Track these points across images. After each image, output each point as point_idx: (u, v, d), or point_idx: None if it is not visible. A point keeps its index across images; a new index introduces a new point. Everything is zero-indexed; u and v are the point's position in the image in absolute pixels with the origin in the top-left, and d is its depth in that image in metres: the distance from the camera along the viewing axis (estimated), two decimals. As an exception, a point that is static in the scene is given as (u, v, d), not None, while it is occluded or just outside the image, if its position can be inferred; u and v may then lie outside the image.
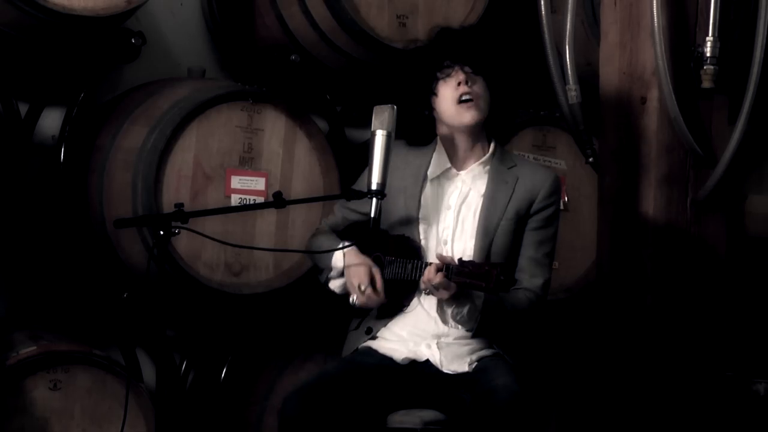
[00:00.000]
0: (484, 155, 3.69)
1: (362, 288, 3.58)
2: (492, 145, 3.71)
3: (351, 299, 3.63)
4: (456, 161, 3.70)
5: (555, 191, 3.67)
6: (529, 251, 3.64)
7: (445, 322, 3.61)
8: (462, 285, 3.41)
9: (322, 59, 4.49)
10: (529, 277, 3.62)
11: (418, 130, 3.70)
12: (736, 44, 4.07)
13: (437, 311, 3.60)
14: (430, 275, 3.45)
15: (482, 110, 3.62)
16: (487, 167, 3.68)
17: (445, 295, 3.47)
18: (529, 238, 3.64)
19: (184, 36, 4.71)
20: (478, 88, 3.61)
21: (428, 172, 3.70)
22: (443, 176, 3.69)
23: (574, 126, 4.24)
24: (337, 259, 3.66)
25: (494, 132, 3.72)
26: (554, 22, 4.21)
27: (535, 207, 3.64)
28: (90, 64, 4.25)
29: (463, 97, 3.59)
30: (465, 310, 3.52)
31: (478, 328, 3.55)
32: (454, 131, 3.66)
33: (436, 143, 3.73)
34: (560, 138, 4.69)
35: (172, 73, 4.54)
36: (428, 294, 3.54)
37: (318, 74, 4.54)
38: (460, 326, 3.59)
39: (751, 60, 3.96)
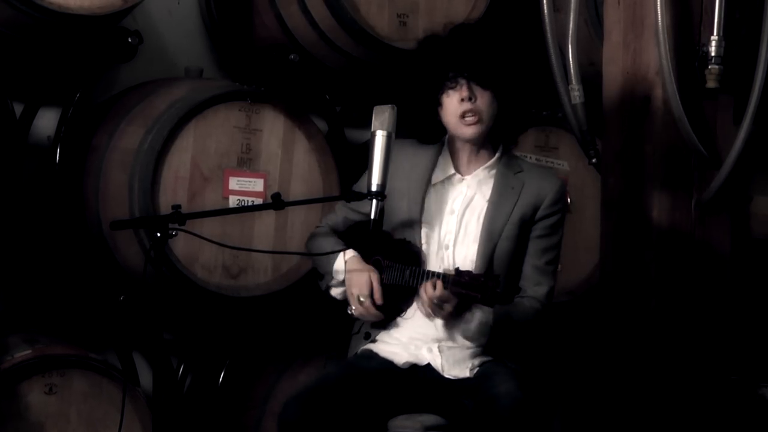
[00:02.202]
0: (490, 159, 3.66)
1: (361, 299, 3.54)
2: (499, 150, 3.68)
3: (348, 309, 3.59)
4: (461, 166, 3.67)
5: (560, 198, 3.65)
6: (532, 259, 3.61)
7: (452, 338, 3.57)
8: (458, 296, 3.37)
9: (321, 59, 4.46)
10: (533, 286, 3.60)
11: (428, 128, 3.65)
12: (742, 43, 4.05)
13: (444, 326, 3.56)
14: (429, 292, 3.41)
15: (485, 124, 3.57)
16: (493, 172, 3.66)
17: (449, 309, 3.43)
18: (533, 246, 3.62)
19: (182, 35, 4.69)
20: (483, 102, 3.56)
21: (432, 177, 3.67)
22: (447, 181, 3.67)
23: (577, 126, 4.23)
24: (339, 266, 3.62)
25: (502, 139, 3.69)
26: (557, 21, 4.20)
27: (540, 214, 3.62)
28: (86, 64, 4.23)
29: (466, 115, 3.56)
30: (472, 325, 3.49)
31: (488, 343, 3.54)
32: (458, 139, 3.64)
33: (443, 145, 3.70)
34: (563, 138, 4.68)
35: (169, 73, 4.52)
36: (431, 318, 3.48)
37: (317, 74, 4.52)
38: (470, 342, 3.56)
39: (757, 59, 3.95)
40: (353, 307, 3.57)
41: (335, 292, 3.66)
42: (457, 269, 3.38)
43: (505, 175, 3.64)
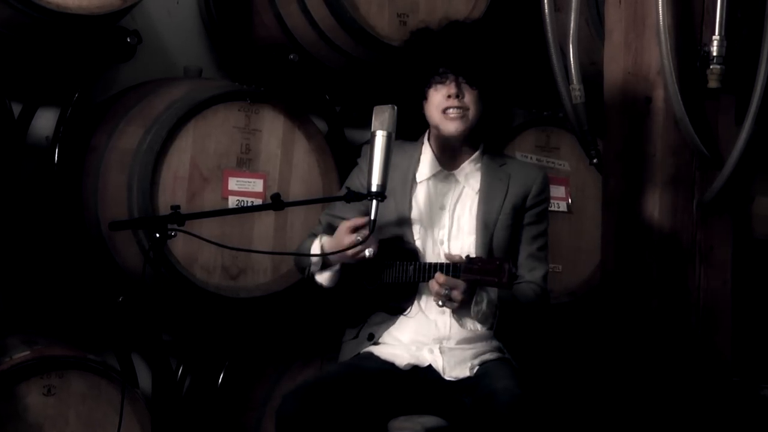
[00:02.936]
0: (474, 153, 3.70)
1: (358, 238, 3.52)
2: (481, 145, 3.71)
3: (367, 254, 3.54)
4: (446, 162, 3.70)
5: (545, 188, 3.72)
6: (525, 247, 3.68)
7: (461, 324, 3.58)
8: (473, 282, 3.38)
9: (321, 59, 4.45)
10: (529, 271, 3.66)
11: (410, 120, 3.66)
12: (744, 43, 4.04)
13: (453, 314, 3.57)
14: (440, 280, 3.41)
15: (469, 121, 3.61)
16: (479, 164, 3.70)
17: (458, 297, 3.42)
18: (524, 234, 3.68)
19: (181, 35, 4.68)
20: (469, 99, 3.59)
21: (417, 175, 3.69)
22: (435, 178, 3.70)
23: (578, 127, 4.22)
24: (316, 249, 3.62)
25: (483, 139, 3.70)
26: (558, 21, 4.18)
27: (528, 203, 3.68)
28: (85, 64, 4.22)
29: (450, 110, 3.58)
30: (483, 305, 3.51)
31: (498, 325, 3.54)
32: (441, 135, 3.65)
33: (422, 143, 3.72)
34: (564, 139, 4.68)
35: (168, 73, 4.51)
36: (443, 306, 3.48)
37: (317, 74, 4.51)
38: (480, 325, 3.56)
39: (759, 59, 3.94)
40: (367, 252, 3.54)
41: (321, 277, 3.66)
42: (467, 257, 3.41)
43: (491, 167, 3.68)
